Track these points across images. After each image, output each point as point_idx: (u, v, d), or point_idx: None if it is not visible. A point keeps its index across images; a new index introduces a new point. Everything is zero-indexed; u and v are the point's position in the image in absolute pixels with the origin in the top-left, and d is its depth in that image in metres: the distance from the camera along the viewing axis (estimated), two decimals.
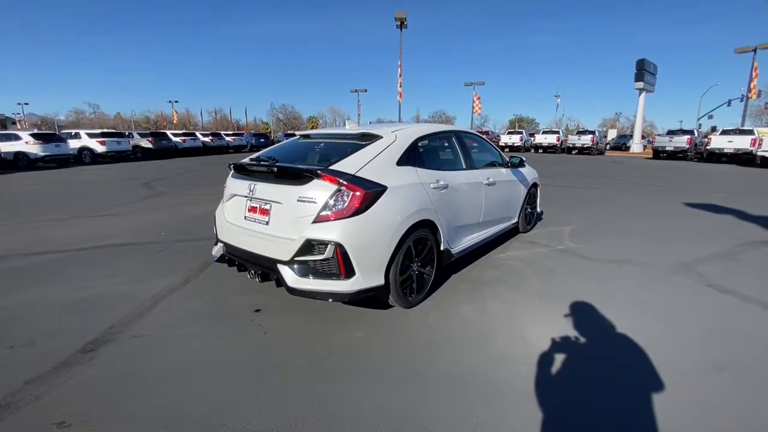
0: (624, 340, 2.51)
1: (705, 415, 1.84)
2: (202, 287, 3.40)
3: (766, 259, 4.14)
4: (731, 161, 18.52)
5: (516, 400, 1.95)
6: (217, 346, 2.45)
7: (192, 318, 2.84)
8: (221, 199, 3.28)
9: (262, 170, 2.78)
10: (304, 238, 2.43)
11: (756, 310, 2.93)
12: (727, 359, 2.30)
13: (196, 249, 4.51)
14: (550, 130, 27.80)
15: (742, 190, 9.58)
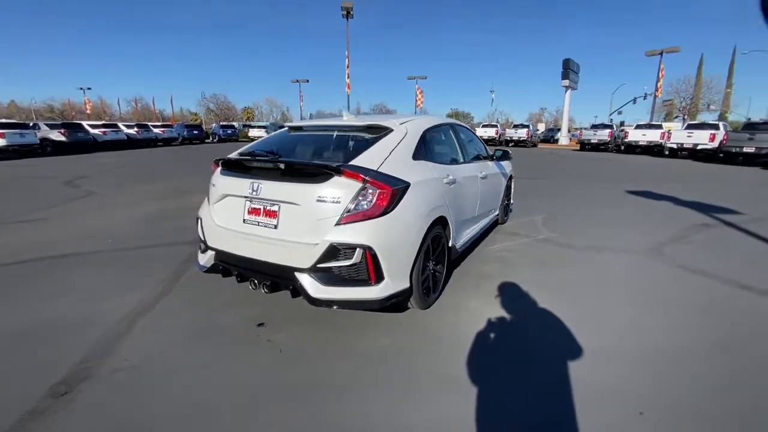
0: (635, 321, 2.62)
1: (727, 380, 1.96)
2: (181, 302, 2.96)
3: (712, 240, 4.66)
4: (644, 152, 20.89)
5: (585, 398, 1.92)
6: (231, 373, 2.12)
7: (184, 340, 2.44)
8: (206, 200, 2.86)
9: (265, 167, 2.45)
10: (328, 243, 2.17)
11: (727, 287, 3.25)
12: (725, 333, 2.50)
13: (159, 257, 3.95)
14: (489, 124, 29.20)
15: (664, 178, 10.80)
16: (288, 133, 3.23)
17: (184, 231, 4.92)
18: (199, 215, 2.83)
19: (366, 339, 2.43)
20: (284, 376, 2.09)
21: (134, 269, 3.62)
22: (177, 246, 4.32)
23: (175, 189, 8.35)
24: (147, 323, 2.62)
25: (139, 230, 5.01)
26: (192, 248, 4.22)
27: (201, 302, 2.94)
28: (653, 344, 2.40)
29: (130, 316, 2.71)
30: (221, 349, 2.34)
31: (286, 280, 2.31)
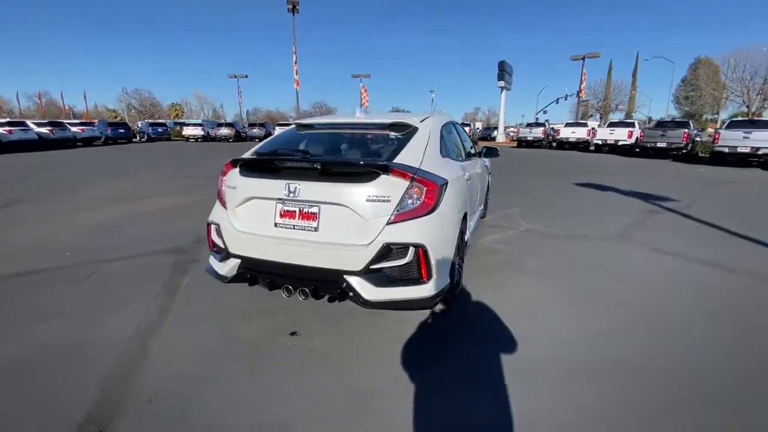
0: (646, 294, 2.91)
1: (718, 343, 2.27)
2: (191, 317, 2.69)
3: (665, 225, 5.29)
4: (572, 148, 22.97)
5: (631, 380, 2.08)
6: (289, 385, 1.98)
7: (214, 357, 2.23)
8: (217, 205, 2.62)
9: (300, 167, 2.30)
10: (381, 243, 2.11)
11: (699, 266, 3.72)
12: (712, 303, 2.87)
13: (137, 270, 3.56)
14: None
15: (599, 171, 11.97)
16: (297, 131, 3.06)
17: (158, 239, 4.47)
18: (213, 221, 2.59)
19: (402, 340, 2.41)
20: (343, 382, 2.00)
21: (114, 285, 3.21)
22: (154, 256, 3.91)
23: (127, 193, 7.51)
24: (162, 342, 2.35)
25: (99, 241, 4.44)
26: (174, 257, 3.85)
27: (214, 316, 2.70)
28: (667, 310, 2.68)
29: (138, 336, 2.40)
30: (263, 361, 2.17)
31: (332, 284, 2.20)
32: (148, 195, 7.30)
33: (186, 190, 7.91)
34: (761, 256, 3.95)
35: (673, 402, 1.87)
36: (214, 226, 2.59)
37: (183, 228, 4.98)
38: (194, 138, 29.26)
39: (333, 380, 2.02)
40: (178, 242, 4.34)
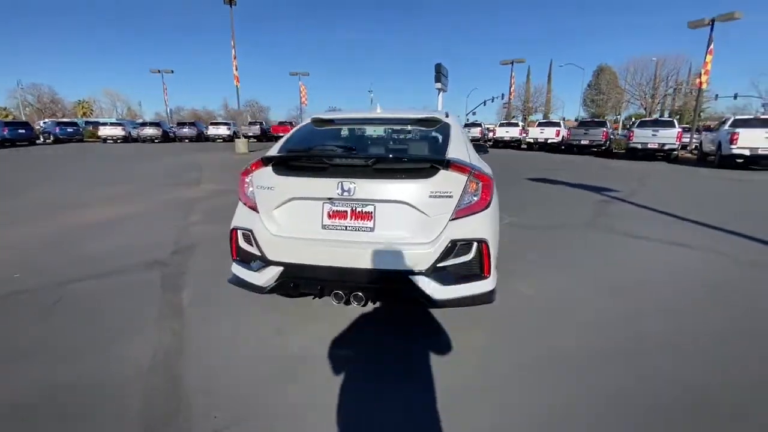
0: (641, 272, 3.20)
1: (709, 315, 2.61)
2: (216, 335, 2.39)
3: (620, 213, 5.89)
4: (506, 146, 24.67)
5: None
6: (388, 397, 1.84)
7: (268, 377, 2.00)
8: (243, 208, 2.36)
9: (351, 164, 2.15)
10: (448, 240, 2.05)
11: (668, 246, 4.20)
12: (694, 275, 3.27)
13: (118, 288, 3.10)
14: None
15: (542, 167, 12.98)
16: (315, 127, 2.86)
17: (126, 253, 3.92)
18: (240, 226, 2.32)
19: (461, 337, 2.39)
20: (438, 383, 1.92)
21: (96, 310, 2.73)
22: (131, 273, 3.42)
23: (62, 201, 6.45)
24: (195, 369, 2.05)
25: (52, 258, 3.77)
26: (158, 272, 3.41)
27: (245, 332, 2.43)
28: (659, 284, 2.98)
29: (161, 367, 2.07)
30: (324, 376, 2.00)
31: (395, 286, 2.10)
32: (88, 204, 6.37)
33: (129, 197, 7.03)
34: (713, 236, 4.56)
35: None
36: (241, 233, 2.33)
37: (149, 239, 4.43)
38: (113, 139, 26.08)
39: (421, 383, 1.92)
40: (152, 255, 3.84)
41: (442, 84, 33.52)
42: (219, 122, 30.74)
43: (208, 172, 10.62)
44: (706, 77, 18.27)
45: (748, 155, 12.05)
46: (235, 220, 2.39)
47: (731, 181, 9.67)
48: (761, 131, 12.10)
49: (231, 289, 2.86)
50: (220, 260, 3.70)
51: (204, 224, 5.09)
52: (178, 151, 18.50)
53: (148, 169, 11.45)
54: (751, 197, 7.55)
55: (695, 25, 18.70)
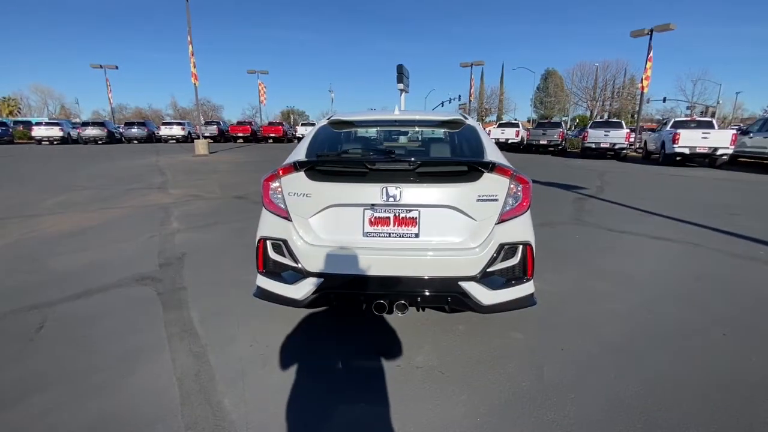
0: (630, 262, 3.39)
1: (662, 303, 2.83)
2: (246, 355, 2.20)
3: (596, 209, 6.23)
4: None
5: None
6: (437, 414, 1.77)
7: (321, 395, 1.87)
8: (272, 217, 2.18)
9: (396, 168, 2.05)
10: (497, 244, 2.02)
11: (651, 239, 4.49)
12: (681, 265, 3.51)
13: (110, 308, 2.80)
14: (309, 123, 30.41)
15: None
16: (333, 129, 2.72)
17: (107, 268, 3.55)
18: (271, 236, 2.15)
19: (494, 333, 2.38)
20: (488, 394, 1.88)
21: (93, 334, 2.45)
22: (120, 290, 3.10)
23: (7, 211, 5.71)
24: (232, 392, 1.87)
25: (20, 277, 3.32)
26: (152, 289, 3.11)
27: (278, 348, 2.26)
28: (649, 272, 3.17)
29: (194, 392, 1.87)
30: (374, 389, 1.90)
31: (443, 293, 2.04)
32: (45, 212, 5.70)
33: (91, 204, 6.40)
34: (684, 230, 4.94)
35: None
36: (271, 243, 2.16)
37: (128, 251, 4.04)
38: (49, 140, 23.63)
39: (457, 397, 1.88)
40: (137, 269, 3.50)
41: (404, 85, 33.87)
42: (172, 122, 28.85)
43: (172, 176, 9.93)
44: (647, 82, 19.90)
45: (687, 153, 13.27)
46: (262, 229, 2.21)
47: (677, 177, 10.58)
48: (698, 132, 13.38)
49: (246, 303, 2.69)
50: (221, 271, 3.46)
51: (187, 232, 4.73)
52: (130, 154, 17.15)
53: (104, 173, 10.50)
54: (700, 191, 8.29)
55: (636, 34, 20.30)
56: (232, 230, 4.84)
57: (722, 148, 12.93)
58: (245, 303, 2.74)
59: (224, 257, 3.85)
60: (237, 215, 5.57)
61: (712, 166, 13.26)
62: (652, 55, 19.64)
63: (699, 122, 15.23)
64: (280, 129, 28.99)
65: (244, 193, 7.38)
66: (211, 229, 4.89)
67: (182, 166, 12.34)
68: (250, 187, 8.00)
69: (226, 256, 3.86)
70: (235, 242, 4.31)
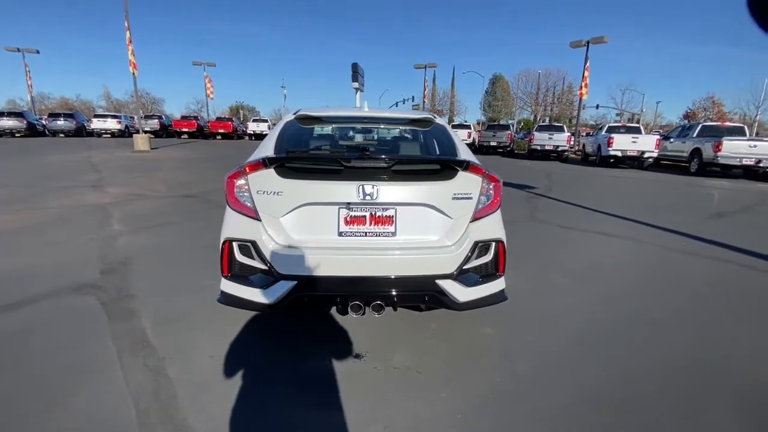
0: (597, 256, 3.62)
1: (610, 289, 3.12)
2: (211, 367, 2.03)
3: (548, 208, 6.60)
4: None
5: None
6: (412, 411, 1.74)
7: (302, 402, 1.77)
8: (240, 217, 2.03)
9: (373, 166, 1.99)
10: (473, 241, 2.04)
11: (601, 236, 4.83)
12: (633, 256, 3.82)
13: (42, 322, 2.47)
14: (260, 119, 29.59)
15: None
16: (302, 125, 2.60)
17: (33, 276, 3.16)
18: (238, 237, 2.00)
19: (465, 330, 2.41)
20: (456, 394, 1.89)
21: (26, 354, 2.14)
22: (52, 300, 2.76)
23: None
24: (197, 407, 1.71)
25: None
26: (92, 298, 2.80)
27: (249, 358, 2.11)
28: (618, 265, 3.42)
29: (154, 411, 1.69)
30: (354, 393, 1.84)
31: (421, 291, 2.02)
32: None
33: (15, 202, 5.68)
34: (625, 225, 5.37)
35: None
36: (238, 244, 2.02)
37: (64, 256, 3.62)
38: None
39: (439, 395, 1.88)
40: (76, 277, 3.14)
41: (359, 84, 33.76)
42: (106, 114, 26.32)
43: (108, 173, 9.07)
44: (586, 89, 21.54)
45: (620, 156, 14.54)
46: (227, 230, 2.06)
47: (613, 177, 11.54)
48: (628, 137, 14.71)
49: (207, 310, 2.52)
50: (174, 276, 3.20)
51: (131, 234, 4.33)
52: (56, 148, 15.41)
53: (26, 169, 9.34)
54: (633, 190, 9.10)
55: (575, 45, 21.90)
56: (184, 232, 4.51)
57: (648, 151, 14.32)
58: (205, 310, 2.56)
59: (177, 261, 3.56)
60: (189, 216, 5.19)
61: (640, 168, 14.62)
62: (589, 65, 21.30)
63: (629, 128, 16.73)
64: (230, 125, 27.59)
65: (195, 191, 6.92)
66: (160, 230, 4.52)
67: (120, 163, 11.33)
68: (202, 186, 7.53)
69: (180, 260, 3.58)
70: (189, 245, 4.02)
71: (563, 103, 49.18)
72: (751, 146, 11.77)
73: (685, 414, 1.77)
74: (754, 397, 1.89)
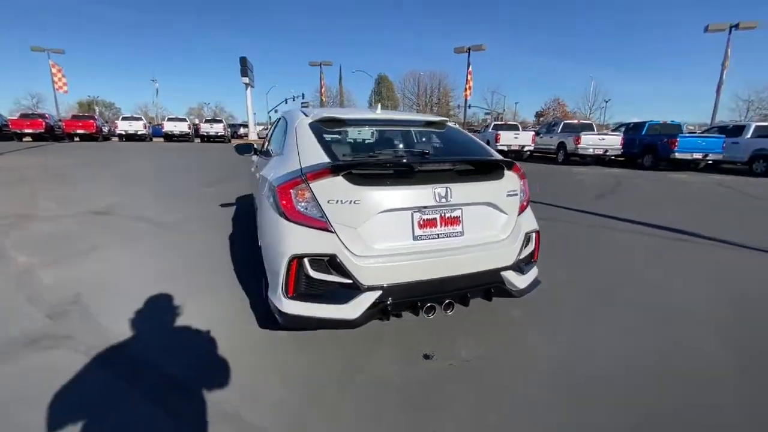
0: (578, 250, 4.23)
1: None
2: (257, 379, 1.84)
3: None
4: None
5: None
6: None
7: (380, 414, 1.74)
8: (314, 229, 1.87)
9: (442, 168, 2.08)
10: (524, 233, 2.27)
11: None
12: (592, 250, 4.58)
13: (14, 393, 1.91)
14: (177, 118, 26.03)
15: None
16: (326, 128, 2.44)
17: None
18: (315, 252, 1.86)
19: (500, 316, 2.64)
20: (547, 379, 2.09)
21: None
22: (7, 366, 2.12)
23: None
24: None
25: None
26: (50, 357, 2.24)
27: (298, 372, 1.96)
28: (580, 257, 4.06)
29: None
30: (461, 393, 1.89)
31: (488, 284, 2.16)
32: None
33: None
34: (542, 209, 6.31)
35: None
36: (311, 260, 1.87)
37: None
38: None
39: (524, 375, 2.06)
40: (19, 328, 2.43)
41: (250, 79, 32.01)
42: None
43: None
44: (470, 91, 24.17)
45: (506, 150, 16.81)
46: (291, 246, 1.89)
47: None
48: (511, 133, 17.09)
49: (252, 342, 2.27)
50: (165, 309, 2.71)
51: (51, 266, 3.43)
52: None
53: None
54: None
55: (458, 50, 24.34)
56: (131, 255, 3.76)
57: (527, 145, 16.88)
58: (250, 343, 2.27)
59: (156, 291, 2.96)
60: (121, 237, 4.31)
61: (520, 159, 17.13)
62: (471, 69, 23.94)
63: (510, 125, 19.40)
64: (92, 124, 22.97)
65: (102, 207, 5.73)
66: (95, 257, 3.69)
67: None
68: (106, 199, 6.27)
69: (160, 289, 2.99)
70: (154, 270, 3.39)
71: (443, 104, 54.11)
72: (600, 139, 14.84)
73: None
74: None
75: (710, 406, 1.84)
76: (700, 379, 2.02)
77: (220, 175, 9.70)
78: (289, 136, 2.44)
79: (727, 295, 3.06)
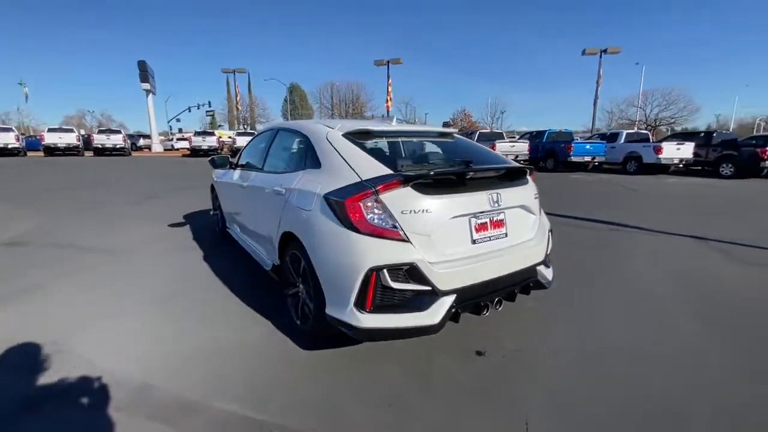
0: None
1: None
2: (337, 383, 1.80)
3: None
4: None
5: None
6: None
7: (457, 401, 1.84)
8: (389, 239, 1.87)
9: (491, 176, 2.27)
10: (547, 232, 2.54)
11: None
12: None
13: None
14: (63, 128, 22.14)
15: None
16: (360, 140, 2.41)
17: None
18: (394, 262, 1.87)
19: (519, 308, 2.88)
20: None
21: None
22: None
23: None
24: None
25: None
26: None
27: (375, 371, 1.94)
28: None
29: None
30: (524, 382, 2.04)
31: (529, 279, 2.36)
32: None
33: None
34: None
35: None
36: (390, 270, 1.88)
37: None
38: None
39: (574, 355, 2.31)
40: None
41: (151, 85, 28.91)
42: None
43: None
44: (391, 102, 25.17)
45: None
46: (368, 258, 1.87)
47: None
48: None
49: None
50: (154, 339, 2.39)
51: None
52: None
53: None
54: None
55: (378, 63, 25.20)
56: (75, 286, 3.17)
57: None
58: (305, 370, 2.12)
59: (125, 327, 2.59)
60: (53, 270, 3.59)
61: None
62: (391, 81, 24.98)
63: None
64: None
65: (13, 237, 4.69)
66: (40, 296, 3.04)
67: None
68: (12, 226, 5.13)
69: (128, 325, 2.61)
70: (114, 302, 2.92)
71: (359, 114, 55.17)
72: (511, 146, 16.64)
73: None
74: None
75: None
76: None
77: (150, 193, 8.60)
78: (321, 149, 2.38)
79: (668, 274, 3.75)
